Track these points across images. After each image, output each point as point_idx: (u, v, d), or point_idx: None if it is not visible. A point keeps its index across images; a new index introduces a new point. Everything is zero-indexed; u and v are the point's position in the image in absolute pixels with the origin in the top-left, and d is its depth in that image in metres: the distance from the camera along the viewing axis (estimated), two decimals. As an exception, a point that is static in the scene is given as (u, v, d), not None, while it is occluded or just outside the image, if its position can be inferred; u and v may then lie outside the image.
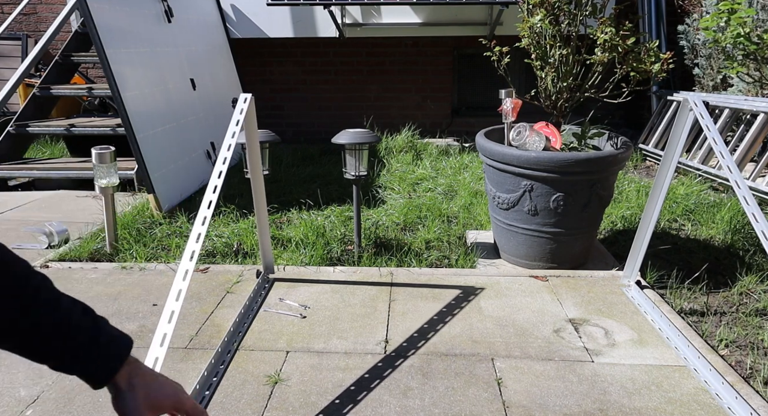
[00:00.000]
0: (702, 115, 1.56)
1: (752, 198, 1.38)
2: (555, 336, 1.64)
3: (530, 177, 1.92)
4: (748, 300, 1.90)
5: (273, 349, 1.58)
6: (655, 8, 4.28)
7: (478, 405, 1.33)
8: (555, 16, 2.02)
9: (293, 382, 1.42)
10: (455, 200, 2.96)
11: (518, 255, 2.11)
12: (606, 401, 1.34)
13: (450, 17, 4.44)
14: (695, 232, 2.52)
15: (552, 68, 2.08)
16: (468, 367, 1.49)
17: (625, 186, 3.20)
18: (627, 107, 4.65)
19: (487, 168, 2.11)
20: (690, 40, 4.19)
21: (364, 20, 4.47)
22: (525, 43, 2.15)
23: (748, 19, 2.65)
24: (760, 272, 2.06)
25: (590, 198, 1.93)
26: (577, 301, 1.85)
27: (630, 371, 1.47)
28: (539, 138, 2.00)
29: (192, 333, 1.67)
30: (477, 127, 2.63)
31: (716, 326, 1.73)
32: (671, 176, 1.69)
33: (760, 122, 3.02)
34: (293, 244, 2.35)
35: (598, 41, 1.98)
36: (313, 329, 1.68)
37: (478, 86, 5.00)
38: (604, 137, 2.22)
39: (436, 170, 3.59)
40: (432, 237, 2.43)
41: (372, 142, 2.11)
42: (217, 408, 1.33)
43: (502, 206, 2.04)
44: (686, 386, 1.40)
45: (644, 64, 1.98)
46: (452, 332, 1.66)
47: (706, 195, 3.02)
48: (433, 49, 4.84)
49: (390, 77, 4.93)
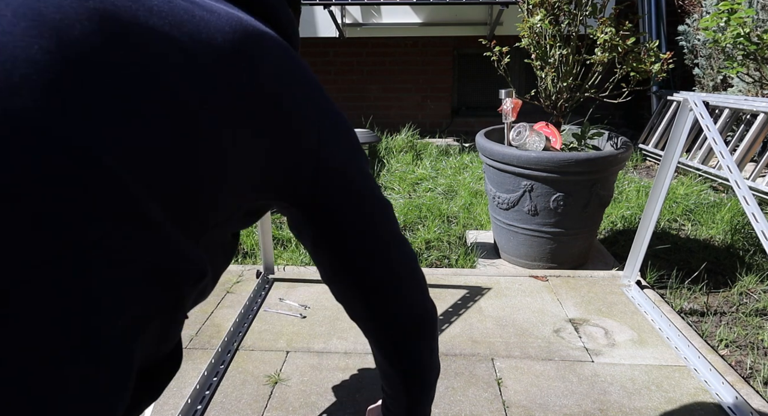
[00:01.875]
0: (702, 115, 1.56)
1: (752, 198, 1.38)
2: (555, 336, 1.64)
3: (530, 177, 1.92)
4: (748, 300, 1.90)
5: (273, 349, 1.58)
6: (655, 8, 4.28)
7: (478, 405, 1.33)
8: (555, 16, 2.02)
9: (293, 382, 1.42)
10: (455, 200, 2.96)
11: (518, 255, 2.11)
12: (606, 401, 1.34)
13: (450, 17, 4.44)
14: (695, 232, 2.52)
15: (552, 68, 2.08)
16: (468, 367, 1.49)
17: (625, 186, 3.20)
18: (627, 107, 4.64)
19: (487, 168, 2.11)
20: (690, 40, 4.19)
21: (364, 20, 4.47)
22: (525, 43, 2.15)
23: (748, 20, 2.65)
24: (760, 272, 2.06)
25: (590, 198, 1.93)
26: (577, 301, 1.85)
27: (630, 371, 1.47)
28: (539, 138, 2.00)
29: (192, 333, 1.67)
30: (477, 127, 2.64)
31: (716, 326, 1.73)
32: (671, 176, 1.69)
33: (760, 122, 3.02)
34: (293, 244, 2.35)
35: (598, 41, 1.98)
36: (313, 329, 1.68)
37: (478, 86, 5.00)
38: (604, 137, 2.23)
39: (436, 170, 3.59)
40: (432, 237, 2.43)
41: (372, 142, 2.12)
42: (217, 408, 1.33)
43: (502, 206, 2.04)
44: (686, 386, 1.40)
45: (644, 64, 1.98)
46: (452, 332, 1.66)
47: (706, 195, 3.02)
48: (433, 49, 4.84)
49: (390, 77, 4.93)
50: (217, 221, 0.52)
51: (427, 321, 0.70)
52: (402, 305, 0.68)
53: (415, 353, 0.70)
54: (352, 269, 0.65)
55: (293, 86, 0.58)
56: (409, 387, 0.73)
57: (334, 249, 0.64)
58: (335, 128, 0.63)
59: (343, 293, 0.69)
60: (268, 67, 0.54)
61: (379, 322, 0.68)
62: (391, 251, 0.66)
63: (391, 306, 0.67)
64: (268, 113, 0.54)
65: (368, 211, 0.64)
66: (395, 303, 0.67)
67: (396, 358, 0.70)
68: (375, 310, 0.67)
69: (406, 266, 0.68)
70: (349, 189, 0.63)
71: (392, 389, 0.75)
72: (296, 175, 0.59)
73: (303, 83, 0.60)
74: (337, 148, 0.63)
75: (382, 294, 0.66)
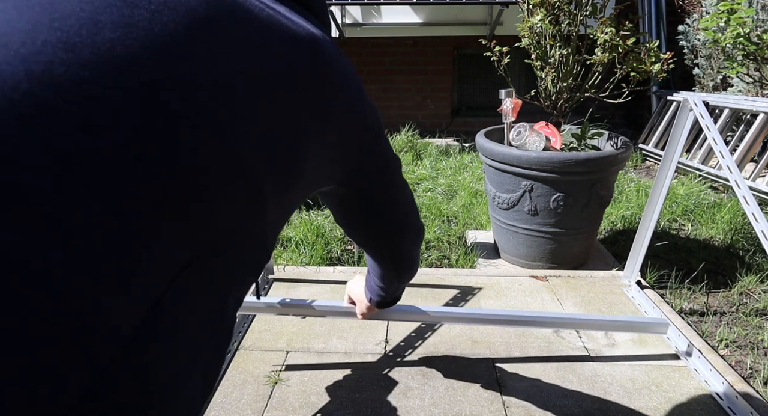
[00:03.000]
0: (702, 115, 1.56)
1: (752, 198, 1.38)
2: (555, 336, 1.64)
3: (530, 177, 1.92)
4: (748, 300, 1.90)
5: (273, 349, 1.58)
6: (655, 8, 4.28)
7: (478, 405, 1.33)
8: (555, 16, 2.02)
9: (293, 382, 1.42)
10: (455, 200, 2.96)
11: (518, 255, 2.11)
12: (606, 401, 1.34)
13: (450, 17, 4.44)
14: (695, 232, 2.52)
15: (552, 68, 2.08)
16: (468, 367, 1.49)
17: (625, 186, 3.20)
18: (627, 107, 4.65)
19: (487, 168, 2.11)
20: (690, 40, 4.19)
21: (364, 20, 4.47)
22: (525, 43, 2.15)
23: (748, 20, 2.65)
24: (760, 272, 2.06)
25: (590, 198, 1.93)
26: (577, 301, 1.85)
27: (630, 371, 1.47)
28: (539, 138, 2.00)
29: (192, 333, 1.67)
30: (477, 127, 2.63)
31: (716, 326, 1.73)
32: (671, 176, 1.69)
33: (760, 122, 3.02)
34: (293, 244, 2.35)
35: (598, 41, 1.98)
36: (313, 329, 1.68)
37: (478, 86, 5.00)
38: (604, 137, 2.22)
39: (436, 170, 3.59)
40: (432, 237, 2.43)
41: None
42: (217, 408, 1.33)
43: (502, 206, 2.04)
44: (686, 386, 1.40)
45: (644, 65, 1.98)
46: (452, 332, 1.66)
47: (706, 195, 3.02)
48: (433, 49, 4.84)
49: (390, 77, 4.93)
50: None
51: (419, 235, 0.91)
52: (405, 231, 0.86)
53: (410, 256, 0.93)
54: (373, 218, 0.80)
55: (352, 88, 0.61)
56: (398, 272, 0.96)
57: (362, 210, 0.77)
58: (377, 124, 0.71)
59: (359, 235, 0.85)
60: (334, 72, 0.55)
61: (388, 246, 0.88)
62: (400, 195, 0.81)
63: (398, 232, 0.85)
64: (338, 119, 0.57)
65: (388, 178, 0.77)
66: (402, 232, 0.86)
67: (396, 261, 0.92)
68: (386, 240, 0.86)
69: (409, 201, 0.85)
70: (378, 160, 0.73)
71: (383, 282, 1.02)
72: (347, 165, 0.66)
73: (355, 83, 0.63)
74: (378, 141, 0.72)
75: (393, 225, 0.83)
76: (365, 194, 0.74)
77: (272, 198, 0.47)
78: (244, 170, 0.43)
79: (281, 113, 0.47)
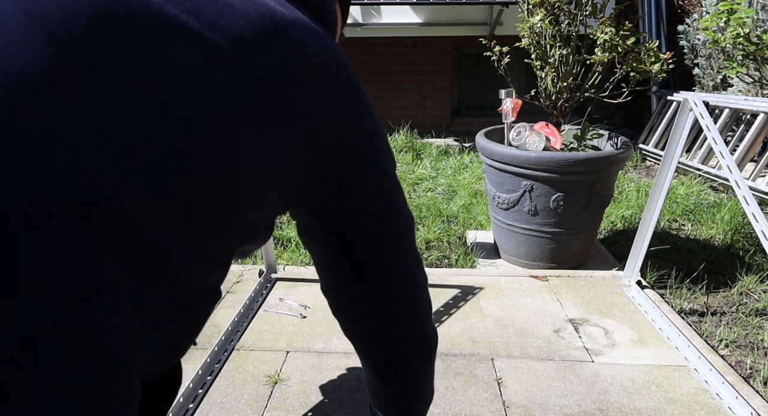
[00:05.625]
0: (702, 115, 1.56)
1: (752, 198, 1.38)
2: (555, 336, 1.64)
3: (530, 177, 1.92)
4: (748, 300, 1.90)
5: (273, 349, 1.58)
6: (655, 8, 4.28)
7: (478, 405, 1.33)
8: (555, 16, 2.02)
9: (293, 382, 1.42)
10: (455, 200, 2.96)
11: (518, 255, 2.11)
12: (606, 401, 1.34)
13: (450, 17, 4.44)
14: (695, 232, 2.52)
15: (552, 68, 2.08)
16: (468, 367, 1.49)
17: (625, 186, 3.20)
18: (627, 107, 4.64)
19: (487, 168, 2.11)
20: (690, 40, 4.19)
21: (364, 20, 4.47)
22: (525, 43, 2.15)
23: (748, 20, 2.65)
24: (760, 272, 2.06)
25: (590, 198, 1.93)
26: (577, 301, 1.85)
27: (630, 371, 1.47)
28: (539, 138, 2.00)
29: (192, 332, 1.67)
30: (477, 127, 2.63)
31: (716, 326, 1.73)
32: (671, 176, 1.69)
33: (760, 122, 3.02)
34: (293, 244, 2.35)
35: (598, 41, 1.98)
36: (313, 329, 1.68)
37: (478, 86, 5.00)
38: (603, 137, 2.22)
39: (436, 170, 3.59)
40: (432, 237, 2.43)
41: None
42: (217, 408, 1.33)
43: (502, 206, 2.04)
44: (686, 386, 1.40)
45: (644, 64, 1.98)
46: (452, 332, 1.66)
47: (706, 195, 3.02)
48: (433, 49, 4.84)
49: (390, 77, 4.93)
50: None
51: (424, 345, 0.67)
52: (401, 325, 0.64)
53: (407, 373, 0.67)
54: (360, 282, 0.61)
55: (328, 85, 0.53)
56: (399, 408, 0.70)
57: (344, 260, 0.60)
58: (371, 136, 0.60)
59: (343, 306, 0.65)
60: (300, 61, 0.49)
61: (375, 341, 0.65)
62: (402, 270, 0.63)
63: (390, 324, 0.64)
64: (300, 110, 0.49)
65: (386, 227, 0.61)
66: (395, 322, 0.64)
67: (387, 378, 0.67)
68: (374, 327, 0.64)
69: (414, 287, 0.65)
70: (373, 200, 0.59)
71: (380, 409, 0.72)
72: (322, 181, 0.56)
73: (340, 83, 0.55)
74: (369, 155, 0.59)
75: (385, 312, 0.63)
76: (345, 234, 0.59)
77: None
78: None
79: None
